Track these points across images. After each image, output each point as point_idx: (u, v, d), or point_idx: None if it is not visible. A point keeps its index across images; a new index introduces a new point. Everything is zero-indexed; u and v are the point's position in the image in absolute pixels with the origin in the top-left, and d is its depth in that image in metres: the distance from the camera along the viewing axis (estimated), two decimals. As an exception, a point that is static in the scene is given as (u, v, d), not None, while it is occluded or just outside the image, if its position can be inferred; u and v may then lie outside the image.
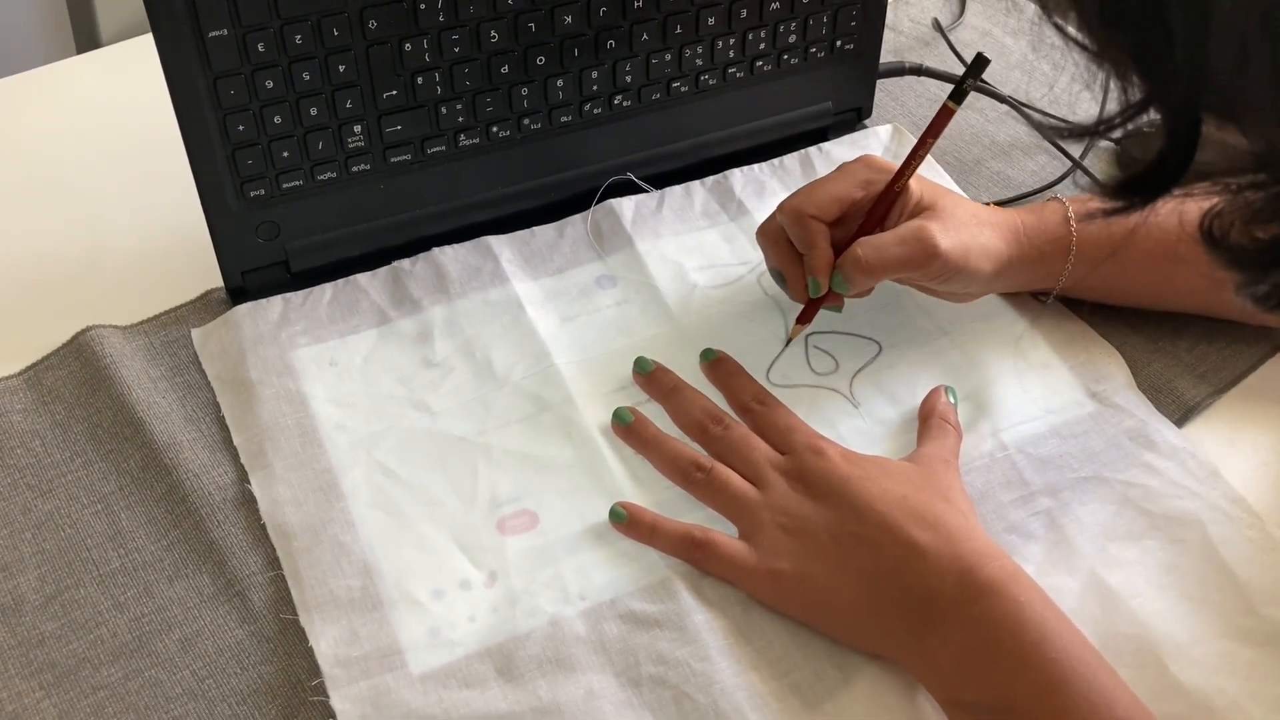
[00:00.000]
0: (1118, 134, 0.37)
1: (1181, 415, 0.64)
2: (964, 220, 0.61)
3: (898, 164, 0.62)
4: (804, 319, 0.64)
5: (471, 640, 0.54)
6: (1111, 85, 0.36)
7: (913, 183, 0.62)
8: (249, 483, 0.59)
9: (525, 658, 0.53)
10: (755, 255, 0.71)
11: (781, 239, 0.63)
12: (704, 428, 0.60)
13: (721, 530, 0.57)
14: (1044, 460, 0.61)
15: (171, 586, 0.56)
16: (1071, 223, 0.63)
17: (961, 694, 0.50)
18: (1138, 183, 0.38)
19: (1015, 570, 0.51)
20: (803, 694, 0.52)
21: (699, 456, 0.59)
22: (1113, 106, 0.36)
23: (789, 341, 0.66)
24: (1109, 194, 0.39)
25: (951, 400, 0.62)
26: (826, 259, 0.61)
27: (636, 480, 0.60)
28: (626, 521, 0.57)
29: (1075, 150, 0.77)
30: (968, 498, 0.57)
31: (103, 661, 0.53)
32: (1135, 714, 0.47)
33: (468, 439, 0.61)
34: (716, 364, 0.64)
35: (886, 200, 0.61)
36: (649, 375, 0.63)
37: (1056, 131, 0.41)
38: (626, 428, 0.61)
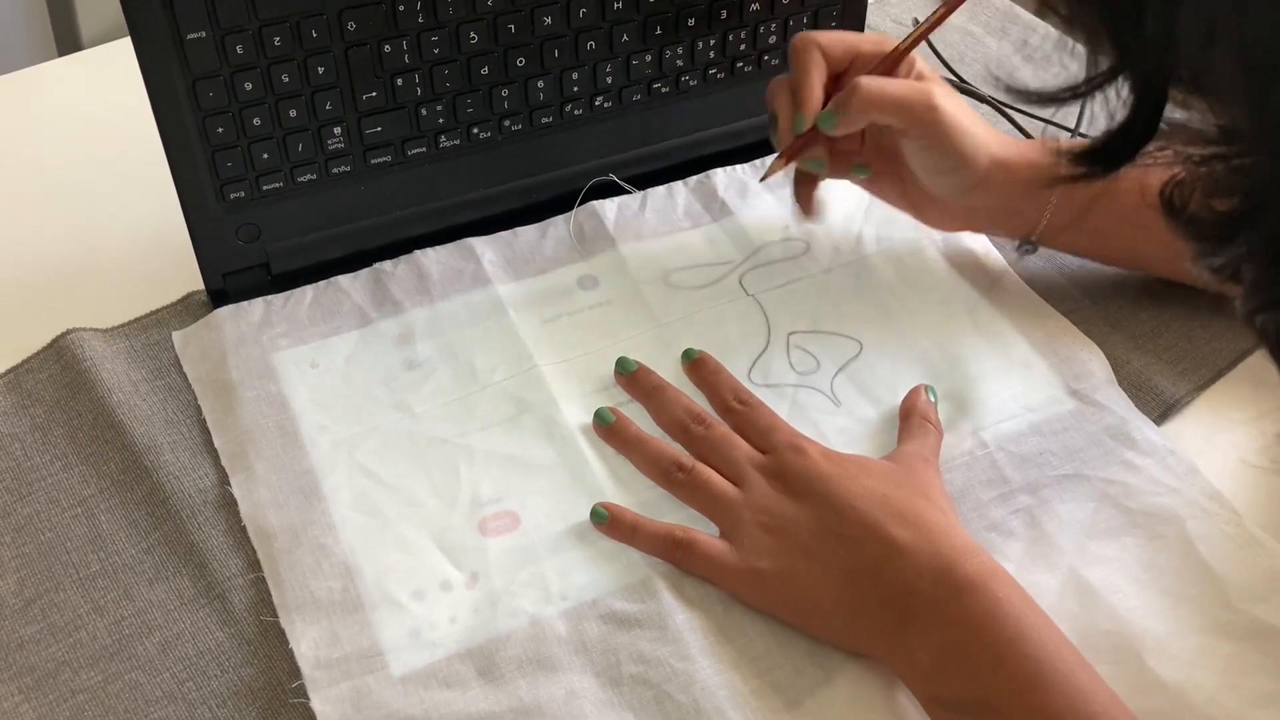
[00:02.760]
0: (1085, 101, 0.38)
1: (1161, 412, 0.64)
2: (963, 106, 0.63)
3: None
4: (785, 156, 0.64)
5: (452, 641, 0.54)
6: (1082, 52, 0.37)
7: (920, 64, 0.63)
8: (230, 485, 0.59)
9: (506, 658, 0.53)
10: (738, 256, 0.71)
11: (785, 85, 0.64)
12: (685, 427, 0.60)
13: (703, 530, 0.57)
14: (1024, 458, 0.61)
15: (152, 589, 0.56)
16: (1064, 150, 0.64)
17: (940, 691, 0.50)
18: (1101, 151, 0.38)
19: (994, 567, 0.51)
20: (784, 692, 0.52)
21: (680, 456, 0.59)
22: (1082, 74, 0.37)
23: (764, 178, 0.66)
24: (1073, 160, 0.39)
25: (932, 399, 0.62)
26: (817, 94, 0.62)
27: (618, 481, 0.60)
28: (608, 522, 0.57)
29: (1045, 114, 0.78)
30: (947, 496, 0.57)
31: (82, 665, 0.53)
32: (1113, 710, 0.47)
33: (449, 440, 0.61)
34: (698, 364, 0.64)
35: (892, 59, 0.62)
36: (631, 375, 0.63)
37: (1025, 97, 0.41)
38: (608, 428, 0.61)
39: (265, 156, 0.64)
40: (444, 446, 0.61)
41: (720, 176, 0.75)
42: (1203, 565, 0.56)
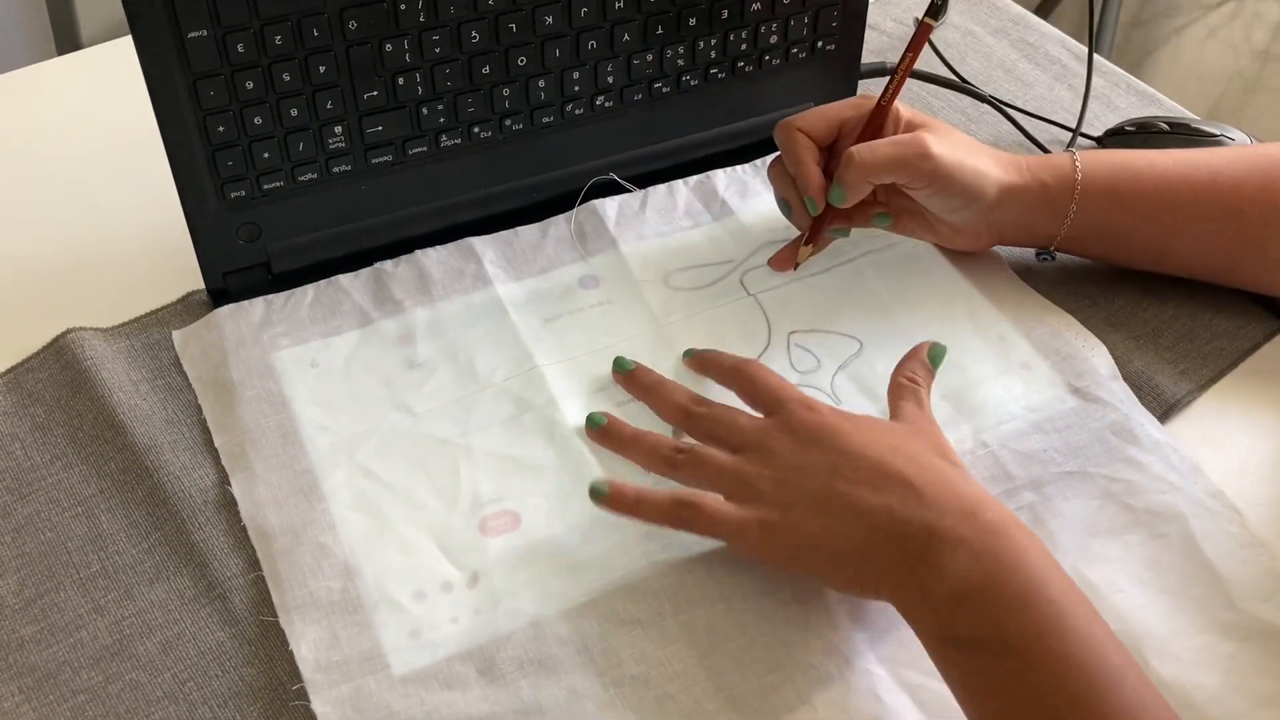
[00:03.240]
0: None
1: (1163, 412, 0.64)
2: (959, 141, 0.64)
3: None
4: (811, 240, 0.66)
5: (453, 641, 0.53)
6: None
7: (903, 110, 0.65)
8: (230, 485, 0.59)
9: (507, 659, 0.53)
10: (738, 255, 0.71)
11: (784, 172, 0.66)
12: (686, 410, 0.59)
13: None
14: (1027, 455, 0.61)
15: (152, 589, 0.56)
16: (1077, 165, 0.65)
17: (956, 628, 0.48)
18: None
19: (1016, 517, 0.51)
20: (786, 693, 0.52)
21: (678, 441, 0.58)
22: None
23: (797, 265, 0.68)
24: None
25: (936, 361, 0.61)
26: (815, 175, 0.64)
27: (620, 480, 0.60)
28: (608, 495, 0.56)
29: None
30: (955, 452, 0.56)
31: (83, 665, 0.53)
32: (1128, 666, 0.46)
33: (450, 440, 0.61)
34: (699, 357, 0.64)
35: (877, 117, 0.64)
36: (629, 374, 0.63)
37: None
38: (600, 430, 0.60)
39: (266, 155, 0.64)
40: (444, 446, 0.61)
41: (720, 177, 0.75)
42: (1205, 565, 0.56)
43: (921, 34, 0.64)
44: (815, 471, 0.53)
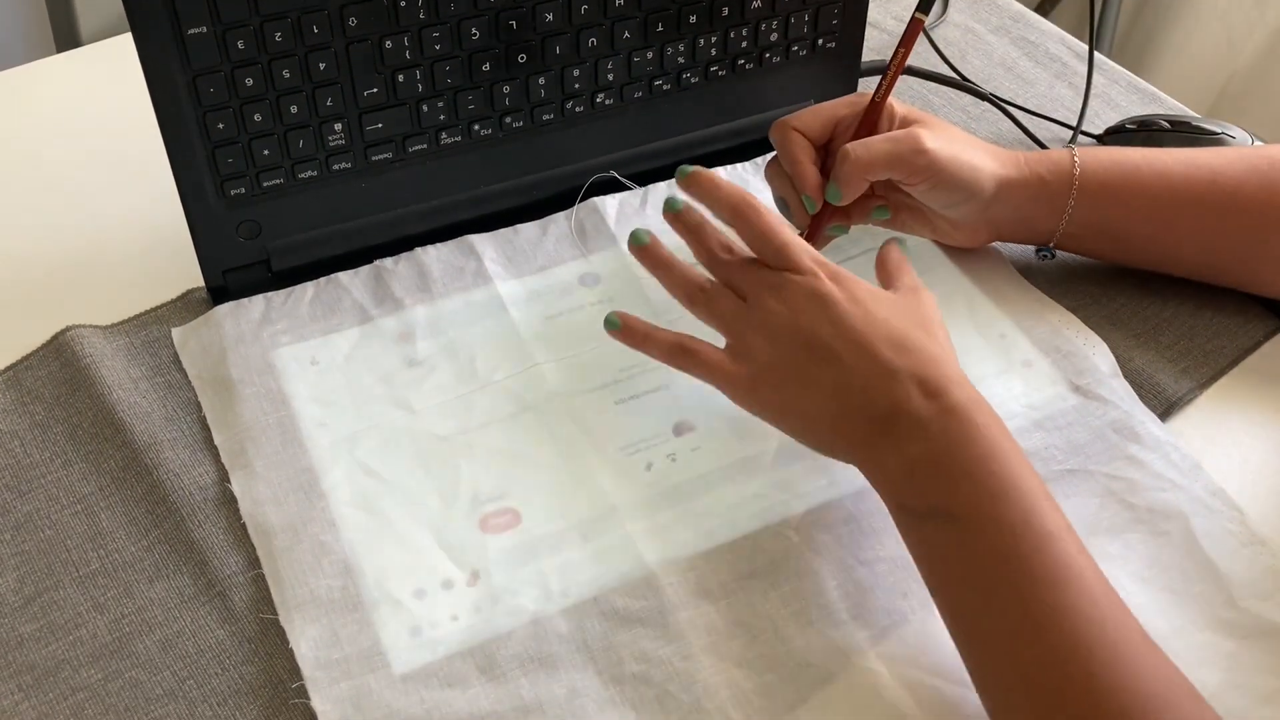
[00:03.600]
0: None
1: (1164, 410, 0.64)
2: (956, 136, 0.65)
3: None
4: (810, 238, 0.66)
5: (454, 639, 0.53)
6: None
7: (898, 106, 0.65)
8: (230, 482, 0.59)
9: (507, 656, 0.53)
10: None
11: (780, 172, 0.67)
12: (714, 254, 0.61)
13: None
14: (1028, 453, 0.59)
15: (152, 587, 0.55)
16: (1076, 161, 0.65)
17: (907, 498, 0.52)
18: None
19: (980, 399, 0.54)
20: (785, 691, 0.52)
21: (702, 279, 0.60)
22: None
23: None
24: None
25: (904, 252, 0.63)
26: (811, 174, 0.65)
27: (619, 477, 0.59)
28: (621, 329, 0.60)
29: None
30: (945, 329, 0.58)
31: (82, 663, 0.53)
32: (1061, 528, 0.50)
33: (450, 438, 0.61)
34: (692, 178, 0.63)
35: (872, 114, 0.65)
36: (678, 213, 0.62)
37: None
38: (641, 248, 0.61)
39: (266, 153, 0.64)
40: (444, 444, 0.61)
41: (721, 175, 0.75)
42: (1206, 563, 0.56)
43: (913, 29, 0.64)
44: (804, 342, 0.56)
